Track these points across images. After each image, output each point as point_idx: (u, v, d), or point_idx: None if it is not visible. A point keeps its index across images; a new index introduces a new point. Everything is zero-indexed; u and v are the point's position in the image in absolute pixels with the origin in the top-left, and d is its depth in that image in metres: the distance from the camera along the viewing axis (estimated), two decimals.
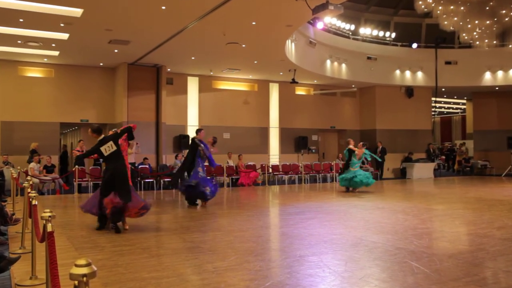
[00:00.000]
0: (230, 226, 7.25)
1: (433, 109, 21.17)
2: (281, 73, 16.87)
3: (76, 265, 1.67)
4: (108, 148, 6.77)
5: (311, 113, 19.38)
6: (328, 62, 17.26)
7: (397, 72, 19.18)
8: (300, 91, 19.36)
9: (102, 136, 6.92)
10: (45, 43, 12.40)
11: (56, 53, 13.48)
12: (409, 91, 19.91)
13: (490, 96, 20.86)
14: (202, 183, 9.56)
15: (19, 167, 12.06)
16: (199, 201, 9.90)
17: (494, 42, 15.66)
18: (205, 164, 10.06)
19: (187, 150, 10.80)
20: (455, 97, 24.97)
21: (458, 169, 22.45)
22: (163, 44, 12.52)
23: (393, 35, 19.12)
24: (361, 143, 13.45)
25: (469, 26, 14.15)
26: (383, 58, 18.73)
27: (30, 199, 4.47)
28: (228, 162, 15.94)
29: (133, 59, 14.44)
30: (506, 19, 13.58)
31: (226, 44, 12.61)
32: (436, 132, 29.07)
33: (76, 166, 13.12)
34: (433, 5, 13.48)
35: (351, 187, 12.86)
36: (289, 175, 17.17)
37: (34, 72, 14.88)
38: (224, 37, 11.93)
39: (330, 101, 19.96)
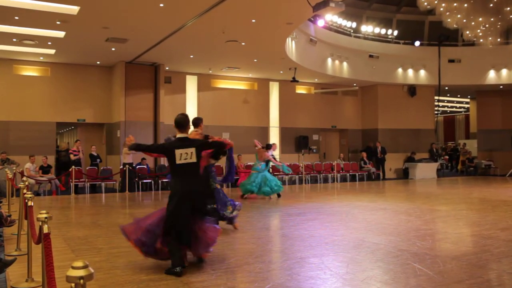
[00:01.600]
0: (229, 227, 7.25)
1: (436, 108, 21.18)
2: (281, 72, 16.87)
3: (73, 267, 1.67)
4: (185, 155, 4.77)
5: (312, 112, 19.38)
6: (329, 60, 17.25)
7: (400, 70, 19.19)
8: (300, 90, 19.37)
9: (185, 135, 5.00)
10: (41, 41, 12.40)
11: (52, 51, 13.48)
12: (412, 89, 19.92)
13: (494, 95, 20.87)
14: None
15: (14, 168, 12.06)
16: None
17: (499, 40, 15.62)
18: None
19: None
20: (459, 95, 24.97)
21: (461, 169, 22.47)
22: (161, 42, 12.52)
23: (396, 32, 19.12)
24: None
25: (473, 23, 14.13)
26: (385, 56, 18.73)
27: (26, 200, 4.47)
28: None
29: (131, 57, 14.44)
30: (511, 16, 13.57)
31: (226, 42, 12.60)
32: (439, 132, 29.05)
33: (73, 167, 13.09)
34: (436, 2, 13.47)
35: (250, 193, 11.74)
36: (289, 176, 17.17)
37: (29, 71, 14.88)
38: (223, 35, 11.92)
39: (331, 100, 19.97)
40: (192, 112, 17.17)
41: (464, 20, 13.98)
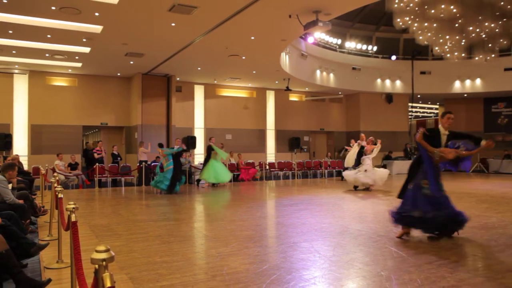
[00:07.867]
0: (232, 216, 7.24)
1: (409, 113, 21.19)
2: (276, 82, 16.87)
3: (97, 251, 1.66)
4: None
5: (303, 117, 19.38)
6: (318, 72, 17.25)
7: (378, 80, 19.20)
8: (293, 97, 19.36)
9: None
10: (70, 56, 12.39)
11: (79, 64, 13.46)
12: (389, 97, 19.93)
13: (460, 102, 20.91)
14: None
15: (47, 165, 12.04)
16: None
17: (463, 54, 15.65)
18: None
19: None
20: (429, 102, 25.01)
21: None
22: (173, 56, 12.51)
23: (375, 48, 19.13)
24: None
25: (441, 40, 14.14)
26: (366, 68, 18.74)
27: (57, 193, 4.46)
28: (230, 160, 15.93)
29: (147, 69, 14.42)
30: (473, 34, 13.59)
31: (228, 56, 12.60)
32: (412, 133, 29.04)
33: (97, 164, 13.07)
34: (409, 22, 13.46)
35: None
36: (283, 171, 17.16)
37: (59, 81, 14.86)
38: (226, 50, 11.92)
39: (320, 106, 19.97)
40: (199, 117, 17.19)
41: (434, 38, 13.98)
